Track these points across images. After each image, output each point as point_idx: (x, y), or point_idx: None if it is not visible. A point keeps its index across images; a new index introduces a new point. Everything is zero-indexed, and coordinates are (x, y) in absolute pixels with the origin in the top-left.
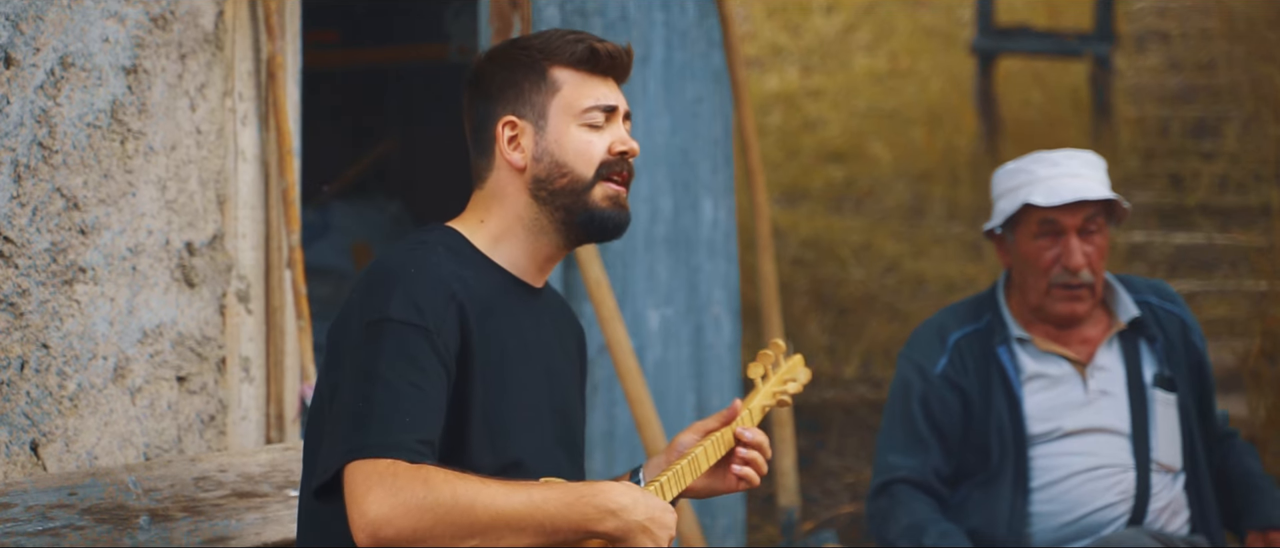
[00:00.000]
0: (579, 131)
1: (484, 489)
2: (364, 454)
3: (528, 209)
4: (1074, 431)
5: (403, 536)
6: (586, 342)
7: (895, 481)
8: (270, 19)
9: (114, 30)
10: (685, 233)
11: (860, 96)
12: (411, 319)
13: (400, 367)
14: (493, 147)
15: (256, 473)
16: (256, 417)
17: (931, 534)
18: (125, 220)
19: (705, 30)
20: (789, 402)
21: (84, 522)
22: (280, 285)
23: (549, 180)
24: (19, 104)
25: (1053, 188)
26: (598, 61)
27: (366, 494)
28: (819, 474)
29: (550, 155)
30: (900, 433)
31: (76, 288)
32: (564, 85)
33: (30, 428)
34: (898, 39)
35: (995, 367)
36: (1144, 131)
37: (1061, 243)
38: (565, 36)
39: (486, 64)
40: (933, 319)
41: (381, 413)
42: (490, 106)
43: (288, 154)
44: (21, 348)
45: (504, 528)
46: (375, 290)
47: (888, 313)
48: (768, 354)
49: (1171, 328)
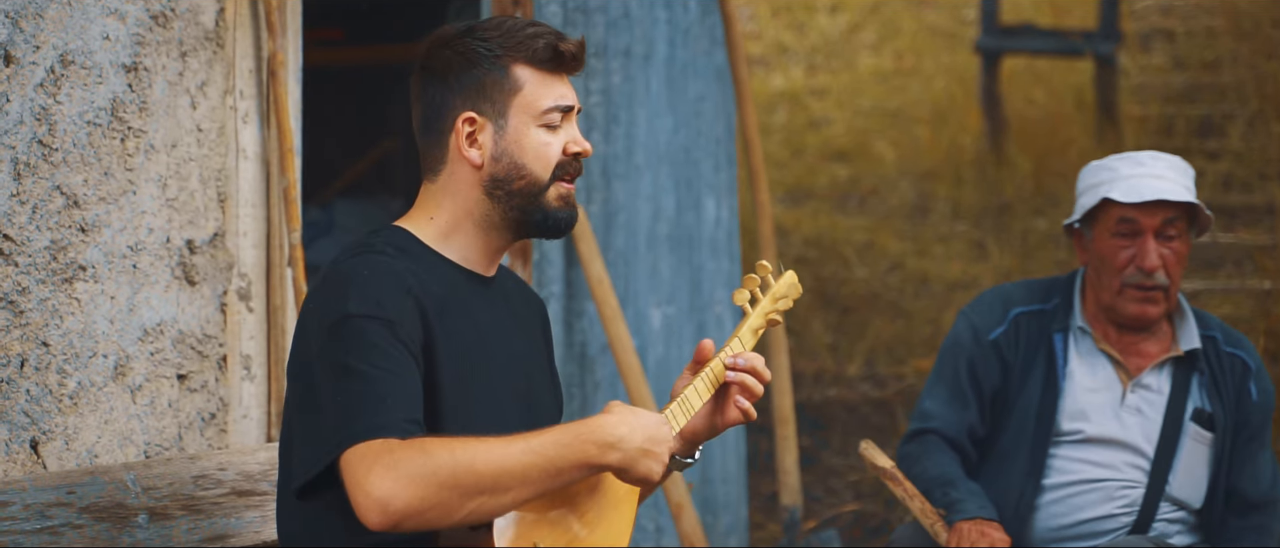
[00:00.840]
0: (538, 132)
1: (482, 447)
2: (354, 441)
3: (480, 205)
4: (1096, 438)
5: (412, 507)
6: (547, 313)
7: (929, 431)
8: (271, 16)
9: (114, 27)
10: (688, 232)
11: (865, 96)
12: (372, 312)
13: (371, 357)
14: (447, 140)
15: (256, 471)
16: (258, 415)
17: (960, 489)
18: (126, 218)
19: (707, 28)
20: (779, 321)
21: (82, 520)
22: (281, 284)
23: (507, 181)
24: (19, 102)
25: (1134, 186)
26: (560, 61)
27: (367, 475)
28: (821, 473)
29: (509, 156)
30: (945, 386)
31: (77, 286)
32: (526, 84)
33: (30, 426)
34: (903, 38)
35: (1046, 351)
36: (1148, 130)
37: (1138, 243)
38: (525, 30)
39: (444, 51)
40: (1002, 287)
41: (362, 401)
42: (447, 98)
43: (289, 152)
44: (21, 346)
45: (509, 480)
46: (331, 294)
47: (891, 312)
48: (753, 278)
49: (1229, 370)
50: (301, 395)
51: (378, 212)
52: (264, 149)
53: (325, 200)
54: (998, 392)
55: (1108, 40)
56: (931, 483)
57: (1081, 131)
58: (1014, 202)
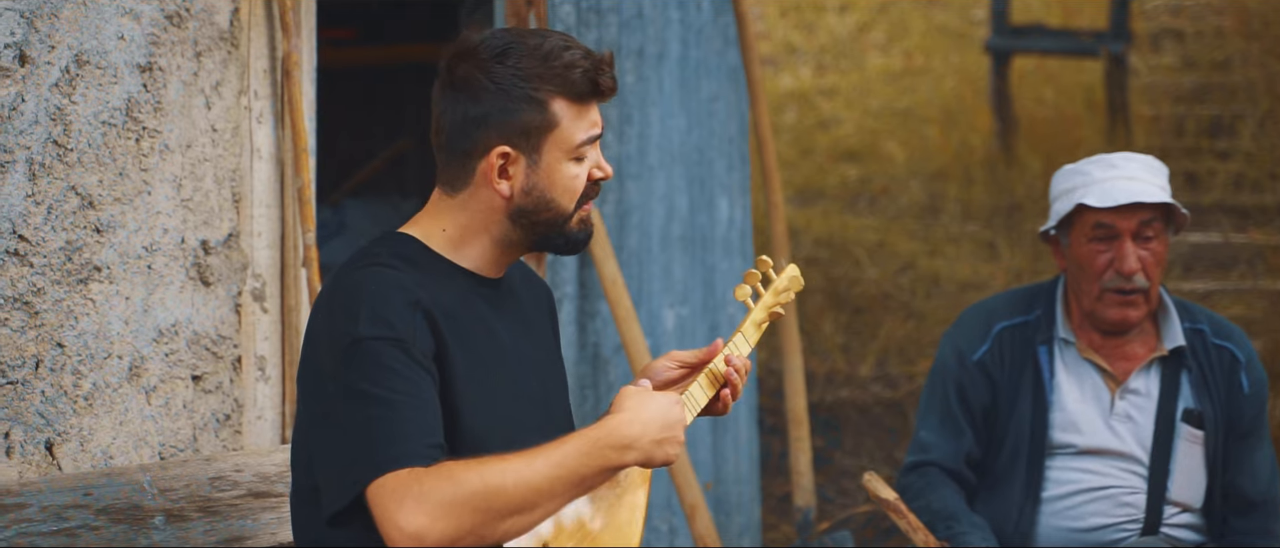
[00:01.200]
0: (569, 166)
1: (509, 466)
2: (379, 473)
3: (500, 227)
4: (1089, 449)
5: (446, 537)
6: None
7: (928, 463)
8: (286, 16)
9: (129, 28)
10: (701, 232)
11: (874, 95)
12: (383, 333)
13: (387, 380)
14: (474, 164)
15: (272, 473)
16: (272, 416)
17: (964, 523)
18: (140, 219)
19: (720, 27)
20: (782, 315)
21: (99, 522)
22: (296, 284)
23: (534, 213)
24: (34, 102)
25: (1107, 190)
26: (598, 94)
27: (398, 509)
28: (834, 474)
29: (539, 190)
30: (937, 414)
31: (91, 287)
32: (562, 120)
33: (45, 427)
34: (912, 38)
35: (1031, 365)
36: (1159, 130)
37: (1115, 247)
38: (562, 59)
39: (479, 76)
40: (984, 303)
41: (383, 429)
42: (480, 125)
43: (303, 152)
44: (36, 347)
45: (537, 498)
46: (339, 314)
47: (903, 312)
48: (754, 273)
49: (1218, 363)
50: (315, 412)
51: (389, 213)
52: (278, 149)
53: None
54: (988, 411)
55: (1118, 40)
56: (935, 516)
57: (1092, 131)
58: (1025, 202)
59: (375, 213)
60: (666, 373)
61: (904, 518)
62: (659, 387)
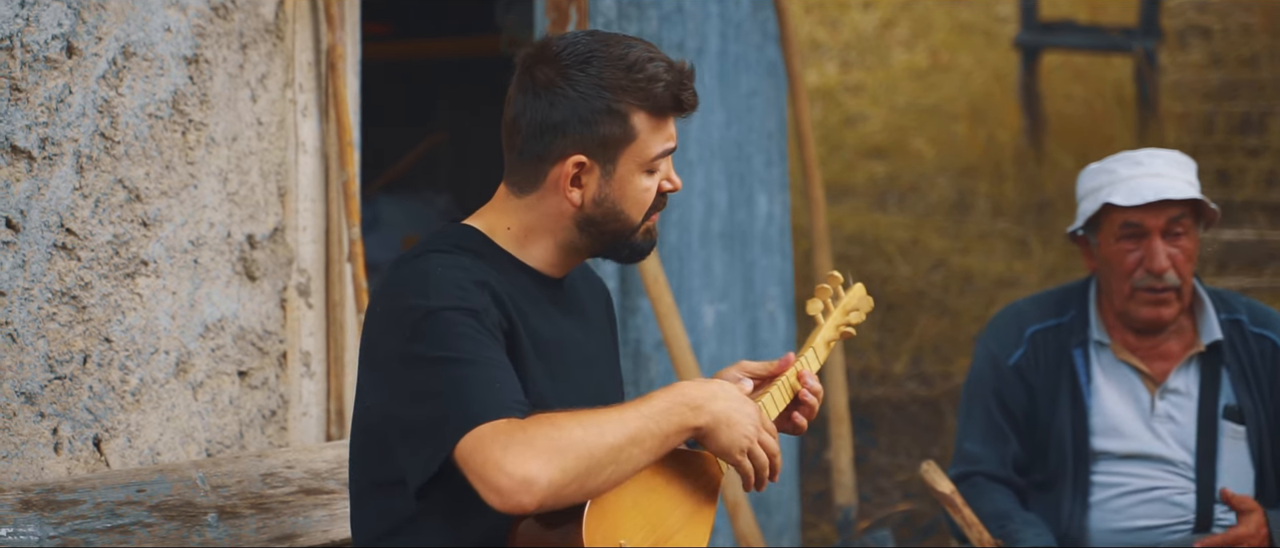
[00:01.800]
0: (641, 179)
1: (604, 417)
2: (475, 425)
3: (566, 232)
4: (1132, 454)
5: (555, 482)
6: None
7: (975, 474)
8: (330, 9)
9: (176, 19)
10: (740, 228)
11: (900, 92)
12: (456, 304)
13: (467, 346)
14: (546, 168)
15: (323, 469)
16: (317, 413)
17: (1016, 521)
18: (187, 212)
19: (759, 22)
20: (853, 333)
21: (153, 519)
22: (340, 279)
23: (602, 223)
24: (81, 94)
25: (1134, 188)
26: (681, 108)
27: (505, 455)
28: (870, 472)
29: (610, 201)
30: (979, 423)
31: (138, 281)
32: (641, 133)
33: (93, 423)
34: (936, 34)
35: (1067, 369)
36: (1189, 127)
37: (1145, 245)
38: (645, 71)
39: (561, 82)
40: (1015, 306)
41: (472, 387)
42: (557, 131)
43: (348, 146)
44: (84, 342)
45: (632, 449)
46: (405, 294)
47: (936, 310)
48: (825, 288)
49: (1258, 354)
50: (386, 399)
51: (422, 207)
52: (323, 143)
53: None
54: (1028, 413)
55: (1149, 36)
56: (987, 519)
57: (1122, 128)
58: (1055, 199)
59: (408, 208)
60: (736, 385)
61: (959, 513)
62: None
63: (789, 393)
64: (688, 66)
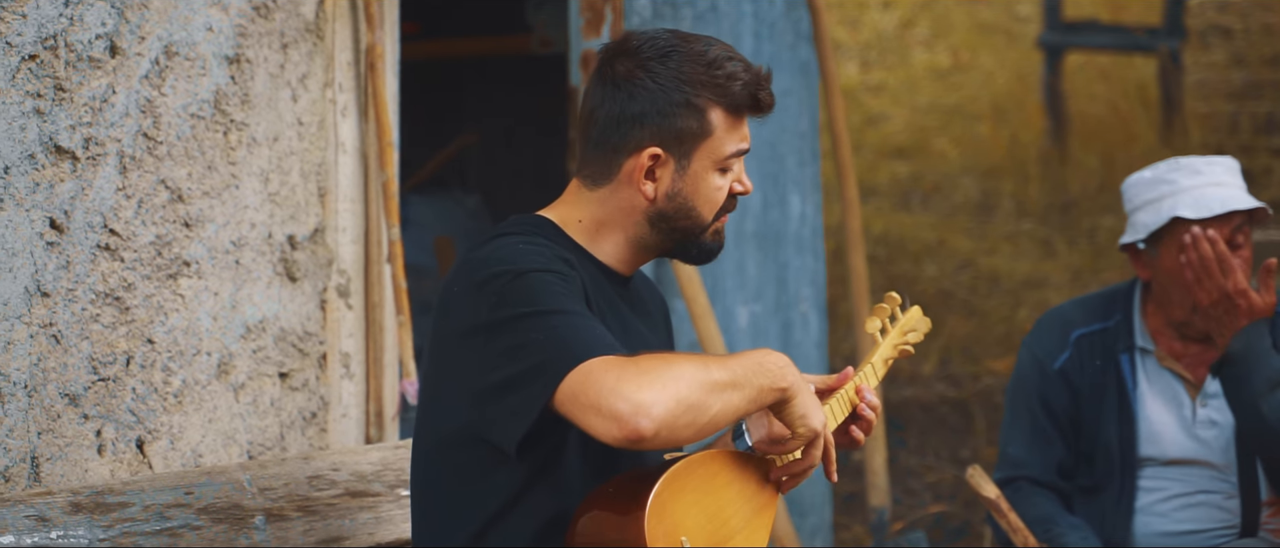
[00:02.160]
0: (714, 177)
1: (705, 358)
2: (582, 360)
3: (637, 228)
4: (1177, 460)
5: (671, 410)
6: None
7: (1019, 478)
8: (370, 8)
9: (218, 19)
10: (774, 228)
11: (921, 92)
12: (547, 267)
13: (561, 300)
14: (621, 160)
15: (368, 471)
16: (356, 414)
17: (1061, 524)
18: (228, 213)
19: (792, 22)
20: (912, 352)
21: (201, 522)
22: (380, 280)
23: (673, 219)
24: (124, 94)
25: (1200, 199)
26: (757, 108)
27: (619, 383)
28: (900, 474)
29: (683, 197)
30: (1023, 427)
31: (181, 282)
32: (717, 129)
33: (136, 425)
34: (956, 34)
35: (1114, 374)
36: (1212, 127)
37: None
38: (725, 69)
39: (640, 74)
40: (1060, 309)
41: (572, 330)
42: (635, 123)
43: (387, 146)
44: (127, 343)
45: (732, 391)
46: (489, 264)
47: (964, 310)
48: (883, 308)
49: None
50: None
51: (453, 207)
52: (362, 143)
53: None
54: (1073, 417)
55: (1173, 36)
56: (1032, 523)
57: (1146, 128)
58: (1080, 199)
59: (439, 208)
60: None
61: (1005, 518)
62: None
63: (847, 406)
64: (765, 70)
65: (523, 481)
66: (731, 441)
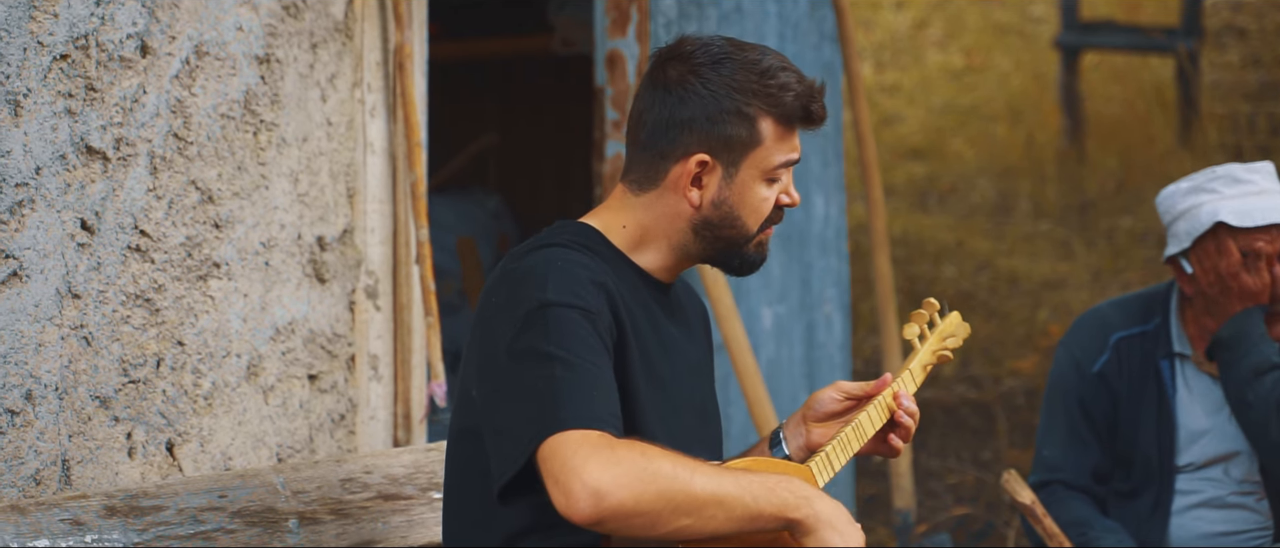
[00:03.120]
0: (761, 187)
1: (694, 466)
2: (566, 427)
3: (681, 236)
4: (1214, 458)
5: (625, 506)
6: (708, 320)
7: (1055, 482)
8: (399, 8)
9: (248, 18)
10: (798, 229)
11: (936, 93)
12: (572, 302)
13: (573, 346)
14: (668, 166)
15: (400, 474)
16: (384, 417)
17: (1096, 528)
18: (258, 214)
19: (816, 22)
20: (950, 358)
21: (235, 525)
22: (408, 281)
23: (718, 227)
24: (154, 94)
25: (1245, 208)
26: (809, 121)
27: (585, 464)
28: (920, 476)
29: (729, 205)
30: (1060, 429)
31: (211, 283)
32: (767, 139)
33: (166, 427)
34: (969, 35)
35: (1154, 379)
36: (1228, 128)
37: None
38: (778, 79)
39: (692, 79)
40: (1098, 310)
41: (569, 389)
42: (684, 128)
43: (416, 147)
44: (158, 345)
45: (716, 507)
46: (525, 283)
47: (984, 311)
48: (921, 314)
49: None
50: (487, 390)
51: (473, 209)
52: (391, 143)
53: None
54: (1111, 421)
55: (1190, 36)
56: (1066, 526)
57: (1163, 128)
58: (1098, 200)
59: (460, 209)
60: (832, 404)
61: (1041, 523)
62: (824, 418)
63: (885, 413)
64: (818, 83)
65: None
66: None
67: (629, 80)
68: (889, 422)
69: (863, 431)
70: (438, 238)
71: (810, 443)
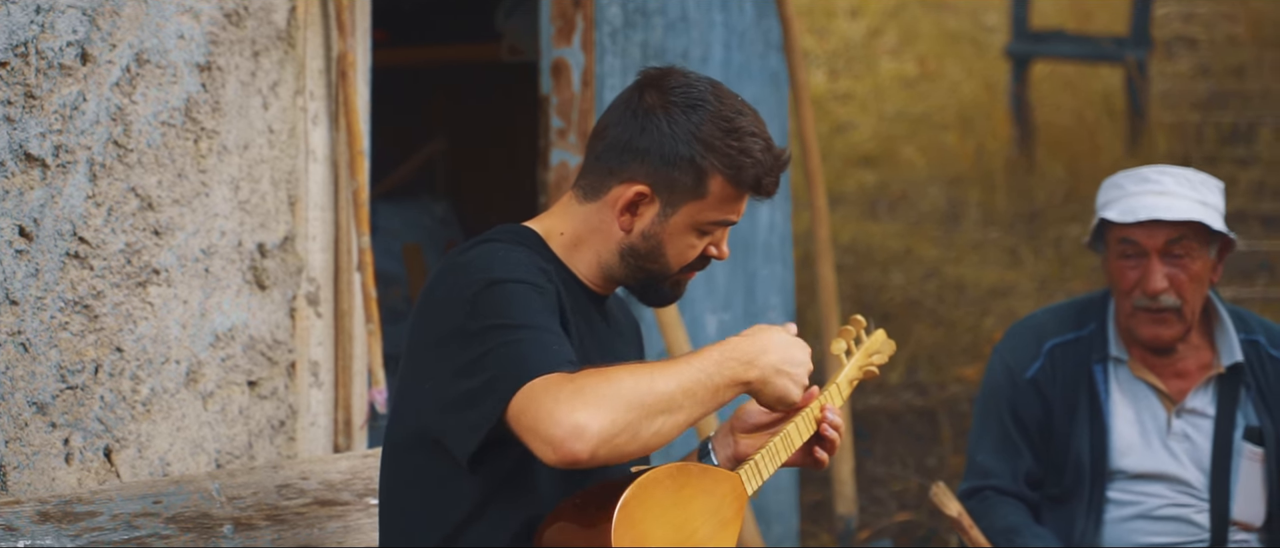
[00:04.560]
0: (691, 236)
1: (651, 368)
2: (528, 378)
3: (609, 255)
4: (1147, 473)
5: (606, 430)
6: (641, 334)
7: (986, 487)
8: (342, 16)
9: (189, 26)
10: (742, 237)
11: (889, 101)
12: (520, 277)
13: (525, 314)
14: (612, 186)
15: (337, 480)
16: (325, 423)
17: (1026, 535)
18: (199, 221)
19: (763, 31)
20: (876, 374)
21: (169, 531)
22: (349, 288)
23: (642, 258)
24: (95, 101)
25: (1130, 205)
26: (759, 192)
27: (556, 405)
28: (866, 482)
29: (657, 242)
30: (992, 435)
31: (150, 290)
32: (711, 195)
33: (104, 433)
34: (923, 43)
35: (1086, 386)
36: (1180, 137)
37: (1144, 265)
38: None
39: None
40: (1034, 317)
41: (527, 347)
42: (636, 159)
43: (358, 155)
44: (96, 351)
45: (683, 398)
46: (468, 271)
47: (931, 319)
48: (849, 330)
49: (1274, 376)
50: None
51: (420, 215)
52: (333, 151)
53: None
54: (1044, 428)
55: (1140, 46)
56: (996, 534)
57: (1113, 138)
58: (1046, 208)
59: (407, 216)
60: (760, 416)
61: (968, 535)
62: (752, 429)
63: (812, 425)
64: (786, 156)
65: (490, 488)
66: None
67: (574, 89)
68: (815, 435)
69: (790, 441)
70: (384, 244)
71: (738, 453)
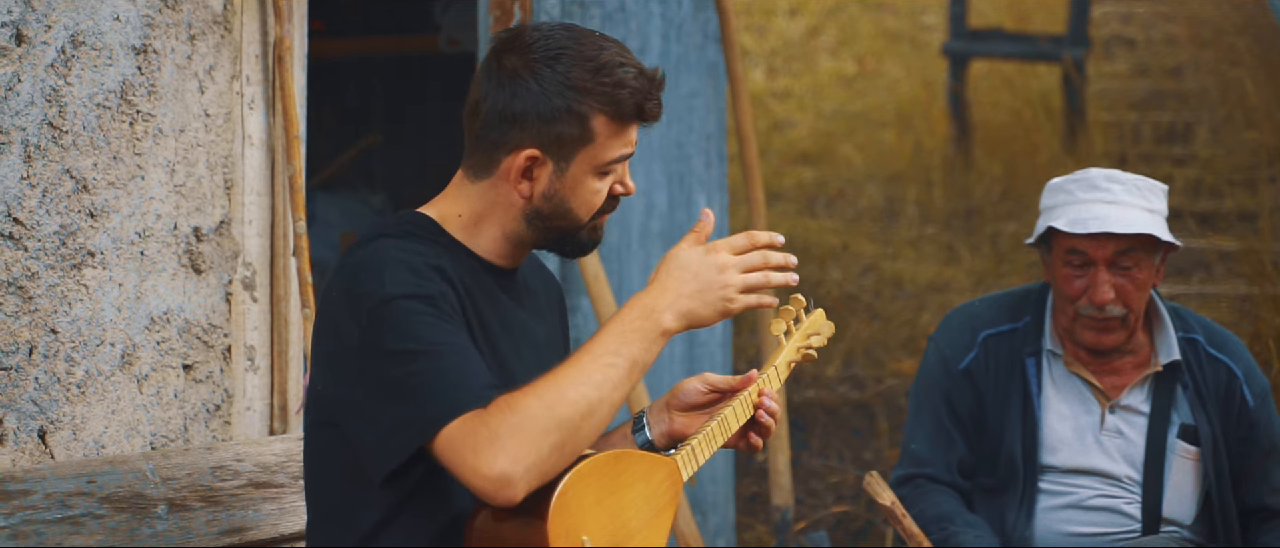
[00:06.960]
0: (593, 181)
1: (559, 380)
2: (442, 423)
3: (514, 224)
4: (1079, 468)
5: (533, 468)
6: (563, 296)
7: (919, 476)
8: (278, 2)
9: (125, 9)
10: (679, 227)
11: (827, 98)
12: (412, 291)
13: (427, 334)
14: (500, 157)
15: (272, 462)
16: (261, 407)
17: (958, 523)
18: (134, 204)
19: (700, 23)
20: (815, 356)
21: (103, 510)
22: (285, 273)
23: (551, 218)
24: (30, 83)
25: (1080, 216)
26: (643, 117)
27: (476, 457)
28: (802, 475)
29: (560, 197)
30: (927, 424)
31: (85, 272)
32: (599, 136)
33: (38, 415)
34: (861, 42)
35: (1019, 378)
36: (1117, 136)
37: (1090, 275)
38: (614, 75)
39: (525, 74)
40: (970, 306)
41: (436, 380)
42: (515, 122)
43: (294, 140)
44: (30, 333)
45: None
46: (360, 280)
47: (867, 314)
48: (788, 310)
49: (1213, 377)
50: (344, 390)
51: (358, 206)
52: (269, 136)
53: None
54: (976, 418)
55: (1078, 45)
56: (929, 522)
57: (1050, 136)
58: (983, 205)
59: (345, 206)
60: (697, 396)
61: (900, 524)
62: (687, 409)
63: (749, 409)
64: (660, 75)
65: (416, 480)
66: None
67: None
68: (751, 420)
69: (728, 425)
70: (322, 234)
71: (672, 431)
